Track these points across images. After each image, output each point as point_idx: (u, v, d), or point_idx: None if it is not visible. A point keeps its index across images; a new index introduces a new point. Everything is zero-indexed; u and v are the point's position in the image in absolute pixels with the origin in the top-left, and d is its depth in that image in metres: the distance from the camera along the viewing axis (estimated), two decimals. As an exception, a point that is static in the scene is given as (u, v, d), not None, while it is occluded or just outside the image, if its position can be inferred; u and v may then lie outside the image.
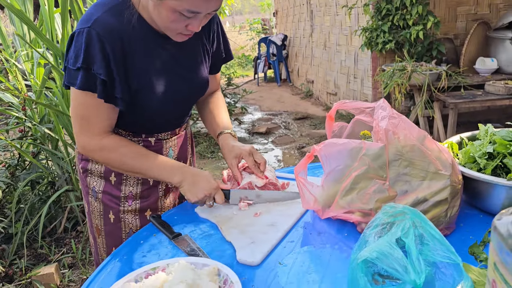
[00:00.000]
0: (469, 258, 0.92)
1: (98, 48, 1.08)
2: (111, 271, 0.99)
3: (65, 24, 2.54)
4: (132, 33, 1.13)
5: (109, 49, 1.09)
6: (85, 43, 1.07)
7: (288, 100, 7.69)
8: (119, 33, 1.11)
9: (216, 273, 0.86)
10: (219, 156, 4.78)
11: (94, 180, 1.33)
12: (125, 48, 1.13)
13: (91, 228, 1.40)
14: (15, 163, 2.81)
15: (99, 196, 1.33)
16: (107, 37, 1.08)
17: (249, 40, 13.94)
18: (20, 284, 2.44)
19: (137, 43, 1.15)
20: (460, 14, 4.82)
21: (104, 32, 1.08)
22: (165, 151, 1.35)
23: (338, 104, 1.19)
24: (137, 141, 1.30)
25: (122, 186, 1.31)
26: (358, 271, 0.77)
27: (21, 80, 2.93)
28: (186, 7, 1.03)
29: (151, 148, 1.31)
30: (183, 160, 1.44)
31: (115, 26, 1.10)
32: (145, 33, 1.16)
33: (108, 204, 1.32)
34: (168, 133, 1.35)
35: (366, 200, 0.99)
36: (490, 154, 1.09)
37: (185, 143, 1.44)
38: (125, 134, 1.29)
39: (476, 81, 4.09)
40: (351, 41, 5.81)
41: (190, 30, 1.12)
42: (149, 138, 1.31)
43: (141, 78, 1.17)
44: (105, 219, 1.34)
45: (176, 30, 1.12)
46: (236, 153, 1.31)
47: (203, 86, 1.35)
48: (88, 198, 1.36)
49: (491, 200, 1.04)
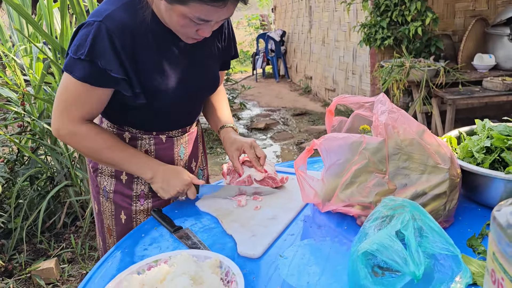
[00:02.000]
0: (468, 250, 0.93)
1: (108, 44, 1.06)
2: (112, 264, 1.00)
3: (64, 19, 2.54)
4: (144, 30, 1.13)
5: (119, 46, 1.08)
6: (92, 35, 1.06)
7: (286, 96, 7.69)
8: (130, 29, 1.10)
9: (218, 265, 0.87)
10: (218, 152, 4.78)
11: (104, 180, 1.32)
12: (136, 45, 1.12)
13: (101, 229, 1.39)
14: (14, 158, 2.81)
15: (111, 196, 1.32)
16: (117, 33, 1.07)
17: (248, 36, 13.91)
18: (20, 279, 2.45)
19: (149, 39, 1.14)
20: (459, 10, 4.82)
21: (114, 27, 1.07)
22: (176, 148, 1.35)
23: (338, 99, 1.20)
24: (148, 138, 1.30)
25: (133, 185, 1.31)
26: (358, 263, 0.78)
27: (19, 75, 2.92)
28: (196, 15, 1.03)
29: (162, 145, 1.31)
30: (194, 158, 1.43)
31: (127, 22, 1.09)
32: (157, 30, 1.15)
33: (120, 204, 1.32)
34: (179, 131, 1.35)
35: (366, 193, 1.00)
36: (488, 148, 1.11)
37: (196, 141, 1.44)
38: (135, 132, 1.28)
39: (474, 77, 4.11)
40: (349, 37, 5.81)
41: (201, 35, 1.12)
42: (160, 136, 1.31)
43: (153, 74, 1.17)
44: (116, 220, 1.34)
45: (187, 34, 1.12)
46: (238, 145, 1.31)
47: (215, 84, 1.35)
48: (99, 198, 1.35)
49: (489, 194, 1.05)
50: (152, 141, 1.30)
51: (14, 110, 2.74)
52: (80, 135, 1.17)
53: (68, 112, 1.15)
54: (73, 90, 1.12)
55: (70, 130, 1.16)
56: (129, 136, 1.29)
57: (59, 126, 1.17)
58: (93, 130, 1.18)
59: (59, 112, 1.16)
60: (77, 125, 1.16)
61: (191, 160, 1.42)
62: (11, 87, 2.85)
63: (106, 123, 1.32)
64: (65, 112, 1.15)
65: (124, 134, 1.29)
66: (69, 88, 1.13)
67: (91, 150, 1.20)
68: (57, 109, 1.16)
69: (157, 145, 1.31)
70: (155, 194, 1.31)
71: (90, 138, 1.17)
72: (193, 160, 1.43)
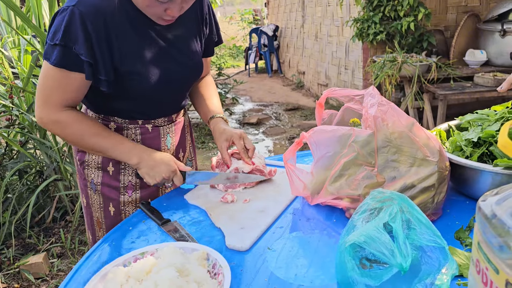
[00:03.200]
0: (455, 243, 0.93)
1: (80, 28, 1.06)
2: (99, 257, 0.99)
3: (53, 11, 2.50)
4: (118, 14, 1.12)
5: (91, 29, 1.08)
6: (66, 21, 1.06)
7: (279, 91, 7.68)
8: (103, 13, 1.09)
9: (205, 257, 0.86)
10: (210, 147, 4.77)
11: (91, 172, 1.31)
12: (110, 28, 1.11)
13: (91, 222, 1.37)
14: (2, 152, 2.78)
15: (98, 188, 1.31)
16: (90, 17, 1.07)
17: (240, 31, 13.86)
18: (9, 274, 2.43)
19: (124, 24, 1.13)
20: (451, 6, 4.84)
21: (87, 11, 1.07)
22: (163, 138, 1.34)
23: (328, 92, 1.19)
24: (134, 128, 1.29)
25: (120, 176, 1.30)
26: (346, 255, 0.78)
27: (7, 67, 2.88)
28: None
29: (148, 134, 1.30)
30: (182, 148, 1.42)
31: (100, 5, 1.09)
32: (133, 14, 1.14)
33: (108, 195, 1.31)
34: (165, 120, 1.34)
35: (355, 186, 1.00)
36: (477, 143, 1.11)
37: (183, 131, 1.43)
38: (120, 121, 1.27)
39: (465, 73, 4.12)
40: (342, 32, 5.81)
41: (170, 15, 1.10)
42: (146, 125, 1.30)
43: (130, 59, 1.16)
44: (105, 212, 1.33)
45: (155, 14, 1.11)
46: (227, 136, 1.30)
47: (197, 69, 1.33)
48: (87, 191, 1.34)
49: (477, 186, 1.05)
50: (138, 130, 1.29)
51: (2, 103, 2.71)
52: (63, 122, 1.16)
53: (49, 99, 1.14)
54: (52, 77, 1.12)
55: (52, 118, 1.15)
56: (114, 126, 1.28)
57: (42, 115, 1.16)
58: (76, 117, 1.17)
59: (41, 100, 1.15)
60: (59, 113, 1.15)
61: (179, 150, 1.41)
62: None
63: (91, 114, 1.30)
64: (47, 99, 1.14)
65: (109, 124, 1.28)
66: (48, 75, 1.12)
67: (76, 137, 1.19)
68: (38, 97, 1.15)
69: (143, 135, 1.30)
70: (143, 185, 1.30)
71: (74, 125, 1.16)
72: (180, 150, 1.42)
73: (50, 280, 2.41)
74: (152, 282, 0.76)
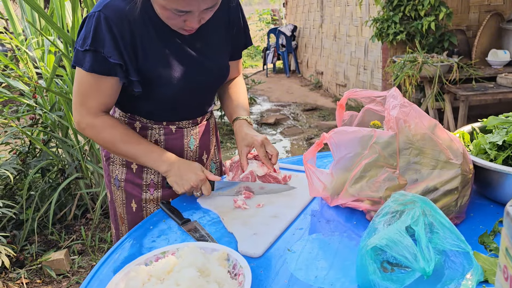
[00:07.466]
0: (479, 247, 0.91)
1: (107, 31, 1.10)
2: (120, 256, 1.01)
3: (76, 12, 2.55)
4: (141, 18, 1.14)
5: (117, 32, 1.11)
6: (94, 26, 1.10)
7: (297, 91, 7.66)
8: (127, 17, 1.12)
9: (225, 258, 0.87)
10: (228, 147, 4.79)
11: (116, 169, 1.34)
12: (135, 33, 1.14)
13: (114, 216, 1.41)
14: (26, 150, 2.84)
15: (122, 184, 1.34)
16: (115, 21, 1.10)
17: (259, 31, 13.86)
18: (31, 269, 2.49)
19: (149, 29, 1.16)
20: (473, 5, 4.74)
21: (112, 15, 1.10)
22: (186, 139, 1.35)
23: (349, 93, 1.18)
24: (158, 128, 1.31)
25: (143, 174, 1.33)
26: (367, 258, 0.77)
27: (31, 67, 2.95)
28: (173, 6, 1.04)
29: (172, 135, 1.32)
30: (205, 150, 1.43)
31: (124, 9, 1.12)
32: (157, 21, 1.16)
33: (131, 192, 1.34)
34: (190, 122, 1.35)
35: (376, 188, 0.99)
36: (501, 146, 1.08)
37: (207, 133, 1.42)
38: (146, 121, 1.30)
39: (488, 73, 4.04)
40: (361, 32, 5.76)
41: (189, 26, 1.12)
42: (170, 126, 1.32)
43: (154, 64, 1.18)
44: (127, 208, 1.35)
45: (176, 25, 1.13)
46: (249, 141, 1.29)
47: (222, 73, 1.33)
48: (111, 187, 1.37)
49: (502, 190, 1.03)
50: (162, 131, 1.31)
51: (26, 102, 2.77)
52: (99, 127, 1.20)
53: (84, 104, 1.18)
54: (85, 82, 1.16)
55: (89, 122, 1.20)
56: (139, 126, 1.30)
57: (79, 119, 1.20)
58: (110, 122, 1.21)
59: (77, 105, 1.19)
60: (95, 117, 1.19)
61: (202, 152, 1.42)
62: (24, 80, 2.88)
63: (118, 113, 1.33)
64: (82, 104, 1.19)
65: (135, 124, 1.30)
66: (81, 81, 1.17)
67: (109, 142, 1.22)
68: (75, 102, 1.20)
69: (167, 135, 1.31)
70: (165, 185, 1.32)
71: (107, 130, 1.20)
72: (204, 152, 1.42)
73: (71, 277, 2.46)
74: (174, 281, 0.77)
